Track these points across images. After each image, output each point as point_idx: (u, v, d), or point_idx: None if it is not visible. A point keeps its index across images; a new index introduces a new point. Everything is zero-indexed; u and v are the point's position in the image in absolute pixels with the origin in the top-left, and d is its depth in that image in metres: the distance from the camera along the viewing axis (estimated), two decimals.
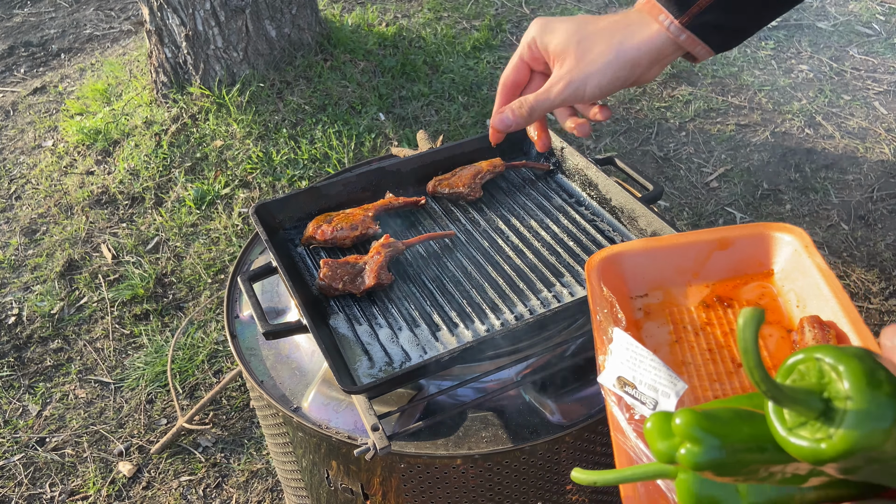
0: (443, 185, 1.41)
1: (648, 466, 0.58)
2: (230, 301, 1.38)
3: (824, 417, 0.47)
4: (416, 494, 1.14)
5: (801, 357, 0.50)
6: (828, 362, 0.47)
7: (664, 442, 0.52)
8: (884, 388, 0.45)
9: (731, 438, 0.50)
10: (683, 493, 0.55)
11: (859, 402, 0.45)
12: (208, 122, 3.38)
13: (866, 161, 3.11)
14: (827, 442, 0.46)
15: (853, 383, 0.46)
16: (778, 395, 0.47)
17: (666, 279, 0.93)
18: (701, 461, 0.50)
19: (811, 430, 0.47)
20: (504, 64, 3.87)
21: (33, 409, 2.40)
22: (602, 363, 0.76)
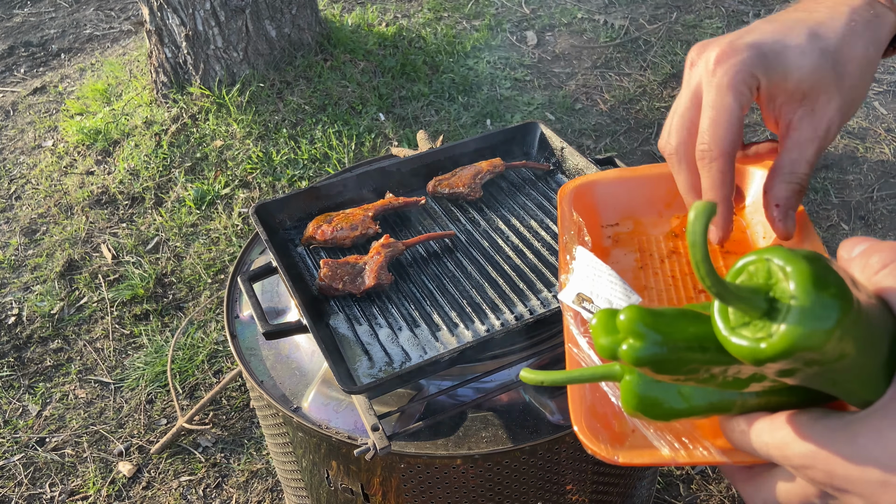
0: (443, 185, 1.41)
1: (596, 368, 0.59)
2: (230, 301, 1.38)
3: (767, 317, 0.46)
4: (416, 494, 1.14)
5: (751, 258, 0.49)
6: (776, 263, 0.47)
7: (607, 337, 0.52)
8: (830, 290, 0.44)
9: (674, 336, 0.50)
10: (627, 393, 0.55)
11: (803, 301, 0.44)
12: (208, 122, 3.38)
13: (866, 161, 3.11)
14: (767, 341, 0.45)
15: (798, 283, 0.45)
16: (722, 292, 0.46)
17: (637, 209, 0.94)
18: (641, 356, 0.50)
19: (753, 330, 0.47)
20: (504, 64, 3.87)
21: (33, 409, 2.40)
22: (563, 281, 0.77)
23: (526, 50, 4.00)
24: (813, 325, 0.44)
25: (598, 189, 0.93)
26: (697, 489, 2.01)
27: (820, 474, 0.48)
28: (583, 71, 3.81)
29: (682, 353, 0.50)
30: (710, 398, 0.55)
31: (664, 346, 0.50)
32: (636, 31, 4.08)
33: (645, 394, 0.55)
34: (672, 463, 0.60)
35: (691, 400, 0.55)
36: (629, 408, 0.56)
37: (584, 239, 0.86)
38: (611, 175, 0.95)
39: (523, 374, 0.60)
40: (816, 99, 0.70)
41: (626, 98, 3.57)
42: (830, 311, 0.44)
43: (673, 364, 0.51)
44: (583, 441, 0.64)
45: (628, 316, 0.50)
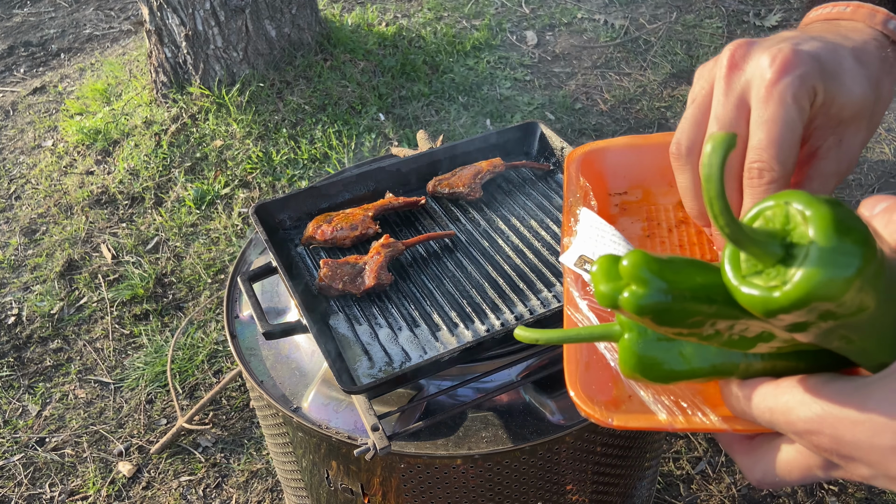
0: (443, 185, 1.41)
1: (594, 328, 0.56)
2: (230, 301, 1.37)
3: (783, 264, 0.42)
4: (416, 494, 1.14)
5: (770, 203, 0.45)
6: (796, 206, 0.43)
7: (608, 284, 0.48)
8: (852, 235, 0.41)
9: (680, 285, 0.46)
10: (625, 353, 0.52)
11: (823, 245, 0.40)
12: (208, 122, 3.38)
13: (866, 161, 3.11)
14: (780, 289, 0.41)
15: (819, 227, 0.41)
16: (737, 234, 0.42)
17: (647, 178, 0.90)
18: (644, 304, 0.46)
19: (766, 279, 0.43)
20: (504, 64, 3.87)
21: (33, 409, 2.40)
22: (566, 244, 0.75)
23: (526, 50, 4.00)
24: (833, 271, 0.40)
25: (608, 156, 0.90)
26: (697, 489, 2.01)
27: (826, 440, 0.45)
28: (583, 71, 3.81)
29: (687, 304, 0.46)
30: (712, 360, 0.52)
31: (669, 294, 0.46)
32: (636, 30, 4.08)
33: (644, 353, 0.52)
34: (669, 428, 0.57)
35: (692, 361, 0.52)
36: (627, 368, 0.53)
37: (590, 203, 0.82)
38: (621, 142, 0.91)
39: (518, 331, 0.57)
40: (847, 129, 0.66)
41: (626, 98, 3.57)
42: (852, 258, 0.40)
43: (677, 315, 0.47)
44: (576, 403, 0.61)
45: (632, 261, 0.46)
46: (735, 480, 2.02)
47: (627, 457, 1.31)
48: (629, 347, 0.52)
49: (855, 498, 1.94)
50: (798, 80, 0.61)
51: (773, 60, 0.62)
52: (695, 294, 0.47)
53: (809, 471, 0.50)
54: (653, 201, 0.90)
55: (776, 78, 0.61)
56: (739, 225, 0.43)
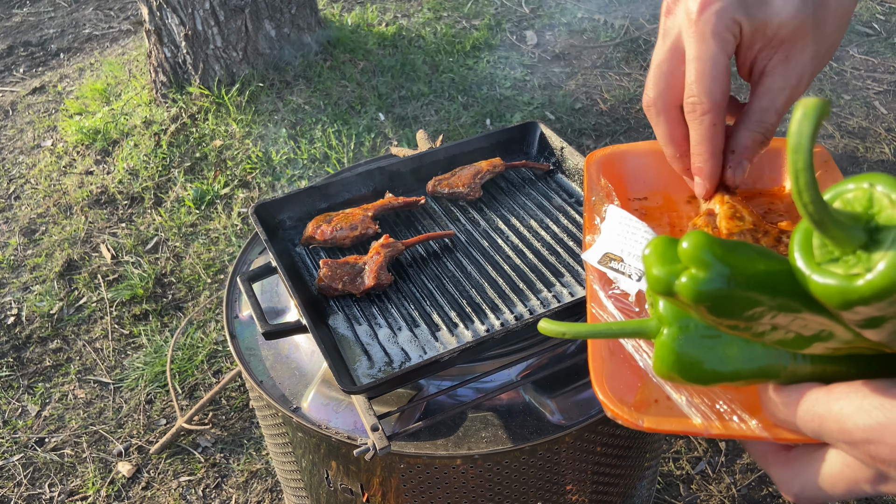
0: (443, 185, 1.41)
1: (627, 322, 0.51)
2: (229, 301, 1.37)
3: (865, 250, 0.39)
4: (416, 494, 1.14)
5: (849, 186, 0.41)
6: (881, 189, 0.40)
7: (663, 268, 0.44)
8: None
9: (745, 270, 0.42)
10: (663, 350, 0.48)
11: None
12: (208, 122, 3.38)
13: (866, 161, 3.11)
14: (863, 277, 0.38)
15: None
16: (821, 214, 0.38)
17: (669, 184, 0.87)
18: (704, 290, 0.42)
19: (845, 266, 0.40)
20: (504, 64, 3.87)
21: (32, 409, 2.40)
22: (589, 242, 0.73)
23: (526, 50, 4.00)
24: None
25: (629, 160, 0.88)
26: (697, 489, 2.01)
27: (887, 449, 0.42)
28: (583, 70, 3.80)
29: (749, 293, 0.43)
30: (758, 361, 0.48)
31: (731, 280, 0.42)
32: (636, 30, 4.07)
33: (684, 351, 0.48)
34: (704, 433, 0.53)
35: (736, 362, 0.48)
36: (664, 367, 0.49)
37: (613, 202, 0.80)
38: (643, 147, 0.89)
39: (542, 324, 0.53)
40: (793, 46, 0.68)
41: (626, 98, 3.57)
42: None
43: (737, 304, 0.43)
44: (603, 402, 0.58)
45: (693, 242, 0.43)
46: (735, 480, 2.02)
47: (627, 457, 1.30)
48: (668, 344, 0.49)
49: None
50: (715, 17, 0.65)
51: (696, 2, 0.65)
52: (759, 282, 0.43)
53: (857, 484, 0.47)
54: (674, 207, 0.86)
55: (696, 17, 0.66)
56: (825, 203, 0.39)
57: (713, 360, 0.48)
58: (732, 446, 2.10)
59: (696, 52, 0.67)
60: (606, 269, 0.69)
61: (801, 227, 0.43)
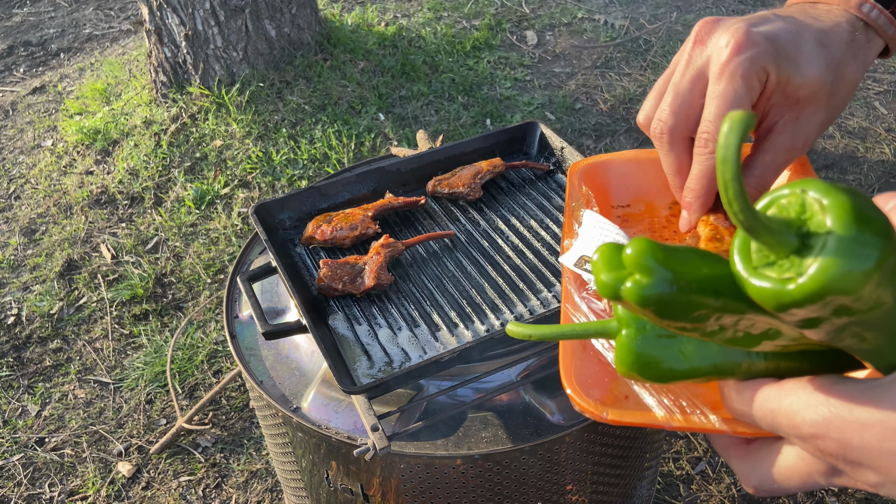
0: (443, 185, 1.41)
1: (589, 324, 0.53)
2: (230, 301, 1.37)
3: (797, 255, 0.40)
4: (416, 494, 1.14)
5: (783, 191, 0.43)
6: (812, 195, 0.41)
7: (610, 273, 0.45)
8: (872, 226, 0.39)
9: (686, 275, 0.44)
10: (622, 350, 0.50)
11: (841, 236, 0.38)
12: (208, 122, 3.38)
13: (867, 161, 3.11)
14: (794, 282, 0.40)
15: (837, 216, 0.39)
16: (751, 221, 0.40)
17: (650, 192, 0.90)
18: (648, 294, 0.44)
19: (779, 270, 0.41)
20: (504, 64, 3.87)
21: (32, 409, 2.40)
22: (567, 245, 0.75)
23: (526, 50, 4.00)
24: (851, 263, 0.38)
25: (612, 168, 0.90)
26: (697, 489, 2.01)
27: (832, 444, 0.43)
28: (583, 71, 3.80)
29: (692, 296, 0.44)
30: (713, 359, 0.50)
31: (674, 284, 0.44)
32: (636, 30, 4.07)
33: (642, 351, 0.49)
34: (666, 426, 0.55)
35: (692, 360, 0.50)
36: (624, 366, 0.50)
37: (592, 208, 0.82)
38: (625, 156, 0.90)
39: (510, 327, 0.54)
40: (806, 108, 0.70)
41: (627, 98, 3.57)
42: (872, 250, 0.38)
43: (681, 307, 0.44)
44: (571, 397, 0.60)
45: (636, 249, 0.44)
46: (735, 481, 2.02)
47: (627, 457, 1.30)
48: (626, 344, 0.50)
49: (855, 498, 1.94)
50: (748, 62, 0.65)
51: (729, 40, 0.66)
52: (701, 286, 0.45)
53: (810, 477, 0.49)
54: (656, 214, 0.89)
55: (730, 57, 0.66)
56: (754, 211, 0.40)
57: (670, 358, 0.50)
58: None
59: (723, 90, 0.67)
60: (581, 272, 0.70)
61: (740, 232, 0.44)
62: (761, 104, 0.71)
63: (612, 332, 0.51)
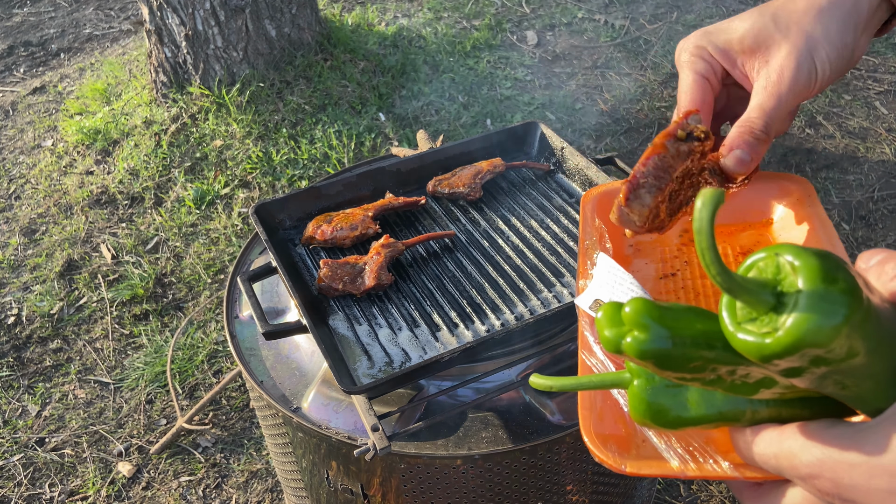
0: (443, 185, 1.41)
1: (605, 375, 0.58)
2: (230, 301, 1.37)
3: (774, 312, 0.45)
4: (416, 494, 1.14)
5: (761, 255, 0.48)
6: (785, 258, 0.46)
7: (612, 330, 0.51)
8: (838, 285, 0.43)
9: (681, 331, 0.49)
10: (634, 399, 0.55)
11: (810, 294, 0.43)
12: (208, 122, 3.38)
13: (867, 161, 3.11)
14: (772, 336, 0.44)
15: (806, 277, 0.44)
16: (728, 282, 0.45)
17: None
18: (646, 349, 0.49)
19: (759, 326, 0.46)
20: (504, 64, 3.87)
21: (33, 409, 2.40)
22: (582, 287, 0.78)
23: (526, 50, 4.00)
24: (821, 318, 0.43)
25: None
26: (698, 489, 2.01)
27: (827, 483, 0.47)
28: (583, 71, 3.80)
29: (688, 349, 0.49)
30: (719, 406, 0.54)
31: (670, 340, 0.49)
32: (636, 30, 4.07)
33: (653, 400, 0.54)
34: (681, 475, 0.60)
35: (699, 408, 0.54)
36: (637, 415, 0.55)
37: (605, 245, 0.85)
38: None
39: (533, 379, 0.59)
40: (767, 50, 0.76)
41: (627, 98, 3.57)
42: (838, 306, 0.43)
43: (678, 360, 0.49)
44: (591, 449, 0.63)
45: (634, 308, 0.49)
46: None
47: None
48: (638, 394, 0.55)
49: None
50: (681, 52, 0.81)
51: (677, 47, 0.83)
52: (695, 340, 0.49)
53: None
54: (667, 242, 0.91)
55: (677, 56, 0.82)
56: (731, 274, 0.45)
57: (678, 406, 0.54)
58: None
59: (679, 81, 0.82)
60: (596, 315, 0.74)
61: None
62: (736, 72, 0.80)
63: (625, 382, 0.56)
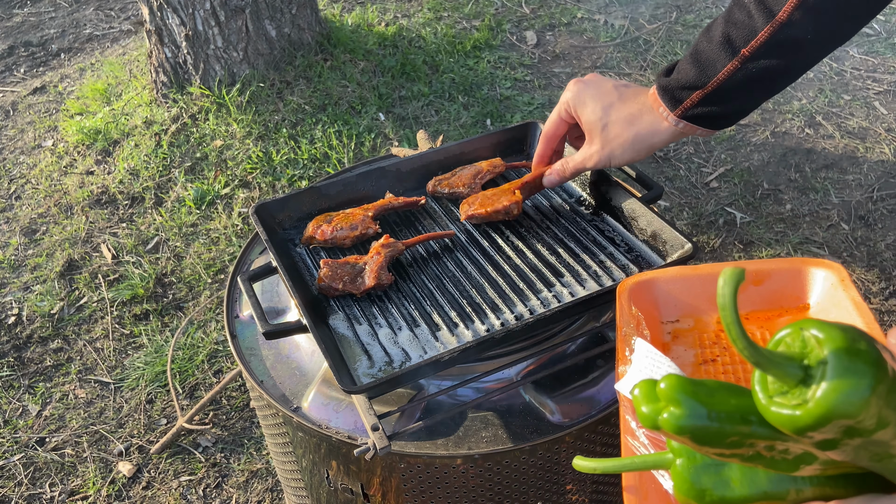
0: (443, 185, 1.41)
1: (647, 456, 0.59)
2: (230, 301, 1.38)
3: (803, 384, 0.46)
4: (416, 494, 1.14)
5: (787, 330, 0.49)
6: (811, 332, 0.47)
7: (648, 406, 0.52)
8: (862, 357, 0.45)
9: (715, 406, 0.50)
10: (678, 479, 0.56)
11: (835, 368, 0.44)
12: (208, 122, 3.38)
13: (866, 161, 3.11)
14: (803, 408, 0.45)
15: (831, 350, 0.45)
16: (755, 355, 0.47)
17: (698, 307, 0.94)
18: (683, 424, 0.50)
19: (790, 398, 0.47)
20: (504, 64, 3.88)
21: (33, 409, 2.40)
22: (622, 372, 0.78)
23: (526, 50, 4.00)
24: (847, 389, 0.44)
25: (659, 286, 0.94)
26: None
27: None
28: (583, 71, 3.81)
29: (723, 424, 0.50)
30: (762, 486, 0.55)
31: (705, 416, 0.50)
32: (636, 30, 4.08)
33: (696, 480, 0.55)
34: None
35: (743, 487, 0.55)
36: (681, 495, 0.56)
37: (643, 332, 0.87)
38: (671, 273, 0.96)
39: (576, 461, 0.61)
40: (590, 135, 1.17)
41: None
42: (864, 377, 0.44)
43: (715, 435, 0.50)
44: None
45: (669, 384, 0.51)
46: None
47: None
48: (680, 474, 0.56)
49: None
50: (563, 95, 1.20)
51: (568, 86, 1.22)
52: (730, 414, 0.50)
53: None
54: (704, 328, 0.93)
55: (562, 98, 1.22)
56: (757, 348, 0.47)
57: (721, 486, 0.55)
58: None
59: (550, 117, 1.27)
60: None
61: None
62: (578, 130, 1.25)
63: (668, 463, 0.57)
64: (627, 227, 1.31)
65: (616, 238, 1.30)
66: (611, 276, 1.21)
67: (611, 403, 1.13)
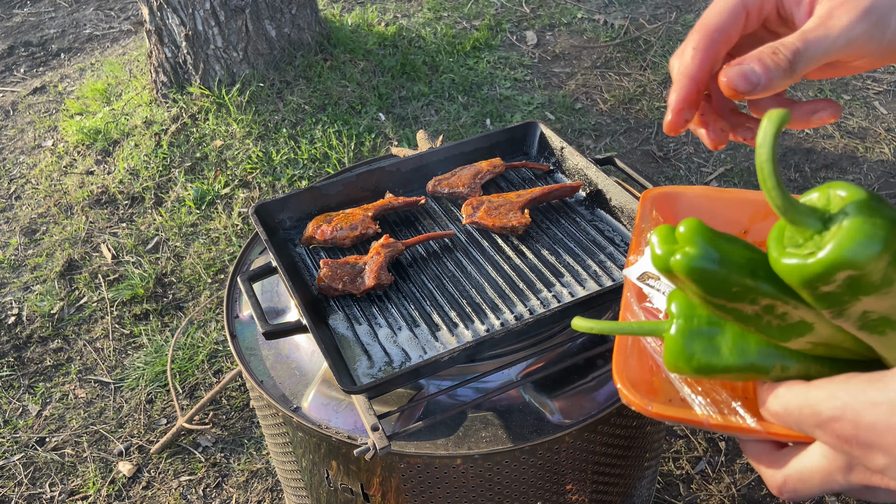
0: (443, 185, 1.41)
1: (644, 322, 0.61)
2: (230, 301, 1.38)
3: (819, 235, 0.48)
4: (416, 494, 1.14)
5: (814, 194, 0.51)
6: (838, 192, 0.49)
7: (664, 247, 0.54)
8: (881, 213, 0.47)
9: (729, 255, 0.52)
10: (670, 343, 0.57)
11: (853, 218, 0.46)
12: (208, 122, 3.38)
13: (866, 161, 3.11)
14: (814, 256, 0.47)
15: (853, 206, 0.47)
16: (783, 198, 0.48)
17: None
18: (694, 266, 0.51)
19: (803, 249, 0.49)
20: (504, 64, 3.87)
21: (33, 408, 2.40)
22: (632, 261, 0.80)
23: (526, 50, 4.00)
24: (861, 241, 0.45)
25: (682, 201, 0.93)
26: (697, 489, 2.01)
27: (847, 426, 0.48)
28: (583, 71, 3.81)
29: (733, 274, 0.51)
30: (750, 357, 0.56)
31: (717, 262, 0.51)
32: (636, 30, 4.08)
33: (687, 343, 0.56)
34: (704, 423, 0.61)
35: (732, 356, 0.57)
36: (670, 358, 0.57)
37: None
38: (697, 190, 0.95)
39: (575, 321, 0.62)
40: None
41: (626, 98, 3.57)
42: (879, 230, 0.46)
43: (721, 283, 0.52)
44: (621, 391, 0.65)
45: (688, 227, 0.53)
46: (735, 480, 2.02)
47: (627, 456, 1.31)
48: (673, 337, 0.57)
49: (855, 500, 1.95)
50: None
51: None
52: (740, 265, 0.52)
53: (831, 476, 0.52)
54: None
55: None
56: (785, 190, 0.48)
57: (709, 351, 0.57)
58: (732, 446, 2.10)
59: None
60: (643, 285, 0.76)
61: (778, 224, 0.53)
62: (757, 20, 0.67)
63: (663, 330, 0.59)
64: (627, 227, 1.31)
65: (616, 238, 1.30)
66: (611, 276, 1.21)
67: (611, 403, 1.13)
